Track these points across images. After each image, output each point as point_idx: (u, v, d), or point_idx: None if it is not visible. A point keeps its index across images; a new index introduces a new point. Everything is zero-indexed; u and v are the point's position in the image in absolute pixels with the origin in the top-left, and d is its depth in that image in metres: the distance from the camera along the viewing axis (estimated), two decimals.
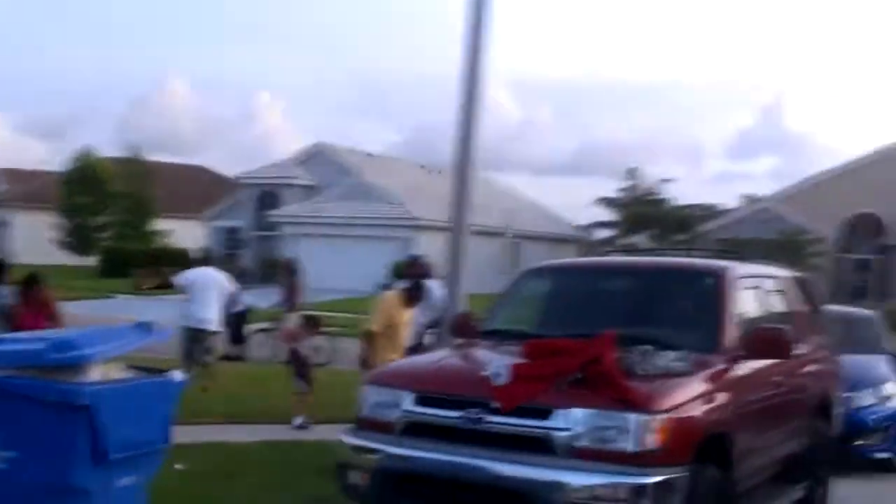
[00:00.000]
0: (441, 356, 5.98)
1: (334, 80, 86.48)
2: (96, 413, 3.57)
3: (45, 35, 77.20)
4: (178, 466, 7.02)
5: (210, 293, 11.76)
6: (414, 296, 8.48)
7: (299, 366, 9.63)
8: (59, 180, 43.66)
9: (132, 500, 3.85)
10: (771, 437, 5.90)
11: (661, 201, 39.58)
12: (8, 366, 3.70)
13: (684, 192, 79.58)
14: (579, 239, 41.64)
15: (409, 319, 8.60)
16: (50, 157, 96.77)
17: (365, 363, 7.99)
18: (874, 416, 8.52)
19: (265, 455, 7.91)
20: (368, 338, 8.16)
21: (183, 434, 8.18)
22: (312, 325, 10.32)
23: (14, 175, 52.08)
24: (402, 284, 9.21)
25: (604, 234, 40.63)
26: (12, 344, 4.07)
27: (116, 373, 3.91)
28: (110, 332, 4.23)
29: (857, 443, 8.30)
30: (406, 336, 8.54)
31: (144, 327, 4.21)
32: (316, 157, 39.06)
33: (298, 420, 9.28)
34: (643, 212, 38.11)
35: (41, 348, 3.69)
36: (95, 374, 3.74)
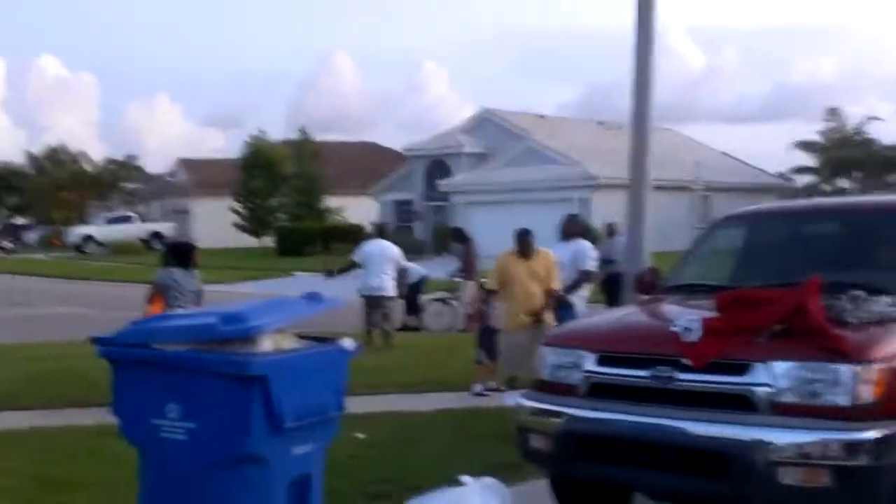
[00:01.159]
0: (624, 313, 5.82)
1: (499, 43, 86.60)
2: (270, 383, 3.66)
3: (210, 25, 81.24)
4: (358, 435, 7.25)
5: (385, 264, 12.75)
6: (523, 250, 8.76)
7: (482, 335, 9.69)
8: (234, 166, 46.01)
9: (309, 467, 3.94)
10: None
11: (868, 142, 37.24)
12: (181, 340, 3.86)
13: (893, 130, 74.56)
14: (778, 187, 39.84)
15: (532, 274, 8.72)
16: (228, 145, 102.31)
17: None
18: None
19: (444, 423, 8.01)
20: (486, 294, 8.83)
21: (362, 404, 8.49)
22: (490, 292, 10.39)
23: (191, 164, 55.35)
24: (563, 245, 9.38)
25: (805, 180, 38.67)
26: (183, 319, 4.26)
27: (288, 343, 4.00)
28: (280, 303, 4.34)
29: None
30: (531, 292, 8.69)
31: (314, 298, 4.30)
32: (483, 123, 39.22)
33: (478, 387, 9.35)
34: (847, 154, 35.97)
35: (212, 322, 3.82)
36: (267, 344, 3.84)
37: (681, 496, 4.99)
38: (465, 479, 4.33)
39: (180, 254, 8.84)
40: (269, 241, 43.48)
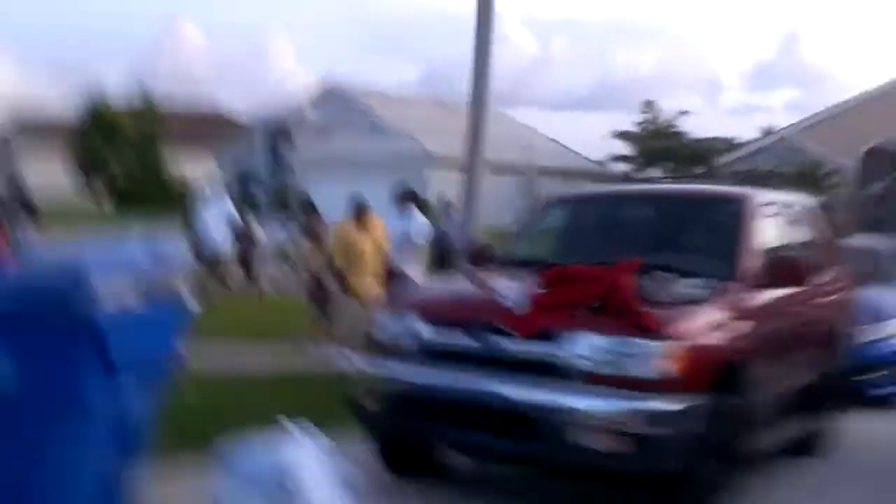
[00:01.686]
0: (457, 283, 5.96)
1: (347, 20, 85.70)
2: (104, 333, 3.56)
3: None
4: (186, 385, 7.07)
5: (223, 221, 12.99)
6: (363, 221, 8.99)
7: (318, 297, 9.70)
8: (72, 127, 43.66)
9: (140, 416, 3.86)
10: (784, 366, 5.83)
11: (679, 134, 39.16)
12: (15, 290, 3.70)
13: (702, 125, 78.76)
14: (596, 173, 41.37)
15: (374, 243, 8.95)
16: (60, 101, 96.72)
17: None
18: (881, 352, 8.32)
19: (273, 377, 8.03)
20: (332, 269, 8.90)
21: (195, 356, 8.33)
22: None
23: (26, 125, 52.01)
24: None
25: (620, 168, 40.28)
26: (19, 272, 4.06)
27: (126, 295, 3.87)
28: (119, 257, 4.18)
29: (863, 377, 8.06)
30: (372, 261, 8.92)
31: (154, 251, 4.17)
32: (329, 96, 38.76)
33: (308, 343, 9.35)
34: (660, 145, 37.74)
35: (49, 272, 3.70)
36: (105, 297, 3.70)
37: (500, 456, 5.20)
38: (286, 421, 4.31)
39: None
40: (103, 198, 41.70)
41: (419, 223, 10.41)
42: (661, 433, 4.44)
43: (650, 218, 6.30)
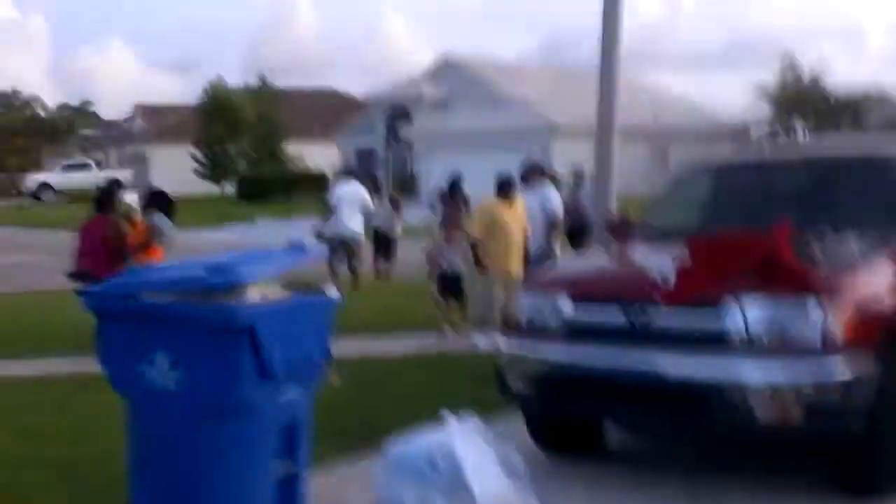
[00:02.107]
0: (599, 257, 5.91)
1: None
2: (257, 333, 3.68)
3: None
4: (335, 381, 7.30)
5: (356, 207, 12.86)
6: (508, 196, 8.82)
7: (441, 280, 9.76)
8: (192, 113, 45.28)
9: (298, 415, 3.99)
10: None
11: (820, 89, 37.62)
12: (169, 291, 3.86)
13: (848, 77, 75.36)
14: (734, 134, 40.15)
15: (516, 220, 8.77)
16: (182, 90, 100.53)
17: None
18: None
19: (417, 366, 8.09)
20: (472, 245, 8.78)
21: (335, 349, 8.58)
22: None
23: (149, 111, 54.44)
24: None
25: (761, 127, 38.98)
26: (170, 271, 4.25)
27: (274, 292, 4.02)
28: (265, 254, 4.35)
29: None
30: (518, 238, 8.84)
31: (298, 247, 4.32)
32: (444, 70, 38.88)
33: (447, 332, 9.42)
34: (802, 100, 36.34)
35: (200, 274, 3.82)
36: (254, 294, 3.86)
37: (657, 432, 5.16)
38: (448, 415, 4.40)
39: (166, 203, 8.88)
40: (229, 188, 43.10)
41: (552, 197, 10.38)
42: (834, 398, 4.30)
43: (806, 183, 6.06)
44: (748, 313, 4.47)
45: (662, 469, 5.30)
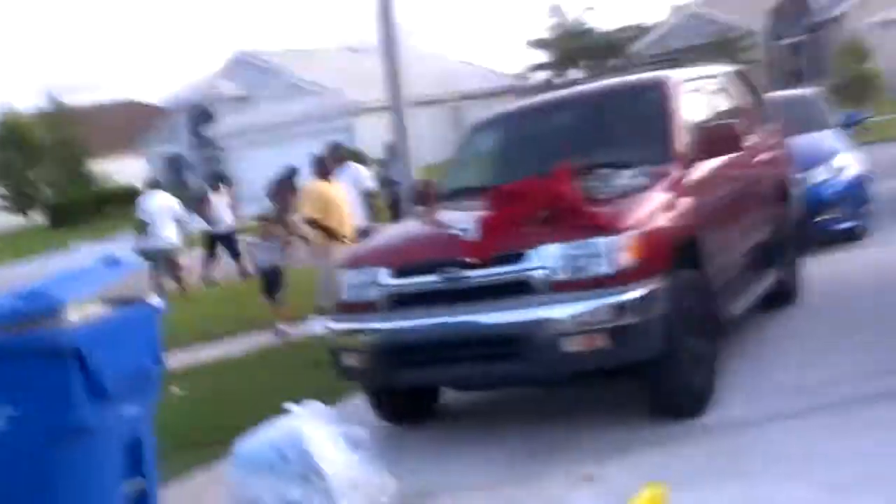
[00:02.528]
0: (408, 226, 5.98)
1: None
2: (84, 353, 3.54)
3: None
4: (175, 391, 7.12)
5: (168, 217, 12.64)
6: (327, 174, 8.75)
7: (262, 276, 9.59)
8: None
9: (139, 429, 3.87)
10: (738, 231, 6.04)
11: (589, 31, 39.10)
12: None
13: (610, 16, 78.63)
14: (517, 87, 41.24)
15: (342, 198, 8.75)
16: None
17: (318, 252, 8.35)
18: (831, 191, 8.68)
19: (257, 363, 8.03)
20: (314, 226, 8.41)
21: (173, 360, 8.32)
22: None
23: None
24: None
25: (540, 76, 40.20)
26: None
27: (94, 310, 3.85)
28: (79, 273, 4.16)
29: (819, 219, 8.47)
30: (347, 214, 8.72)
31: (111, 261, 4.15)
32: (240, 65, 37.93)
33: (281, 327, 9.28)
34: (573, 45, 37.69)
35: (14, 303, 3.63)
36: (74, 315, 3.69)
37: (485, 383, 5.30)
38: (291, 406, 4.37)
39: None
40: (37, 217, 40.67)
41: (360, 172, 10.40)
42: (633, 322, 4.55)
43: (575, 121, 6.34)
44: (546, 258, 4.67)
45: (501, 423, 5.44)
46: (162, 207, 12.76)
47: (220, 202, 14.35)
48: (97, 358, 3.57)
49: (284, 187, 14.29)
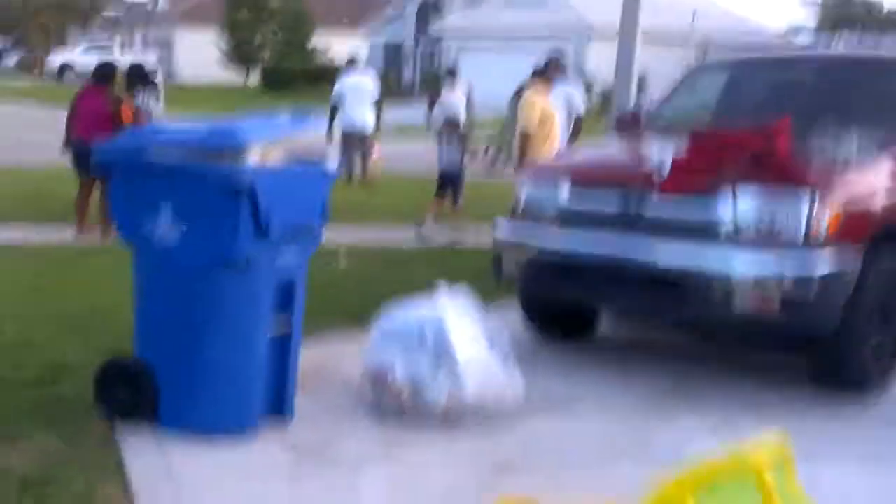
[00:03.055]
0: (601, 150, 6.10)
1: None
2: (256, 193, 3.95)
3: None
4: (341, 260, 7.65)
5: (363, 98, 12.84)
6: (545, 81, 8.81)
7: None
8: None
9: (293, 275, 4.27)
10: None
11: (867, 4, 36.82)
12: (176, 149, 4.12)
13: None
14: (773, 46, 39.43)
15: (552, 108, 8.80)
16: None
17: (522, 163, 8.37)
18: None
19: (425, 257, 8.41)
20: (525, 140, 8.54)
21: (344, 237, 8.88)
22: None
23: None
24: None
25: (803, 40, 38.30)
26: (177, 131, 4.52)
27: (274, 158, 4.28)
28: (268, 120, 4.59)
29: None
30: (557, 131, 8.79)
31: (300, 116, 4.55)
32: None
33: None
34: (845, 14, 35.62)
35: (204, 135, 4.10)
36: (255, 158, 4.11)
37: (644, 314, 5.42)
38: (442, 286, 4.67)
39: (146, 78, 9.04)
40: (253, 78, 43.04)
41: (575, 95, 10.43)
42: (812, 296, 4.51)
43: (809, 83, 6.18)
44: (739, 204, 4.69)
45: (648, 358, 5.60)
46: (357, 89, 13.00)
47: (453, 99, 14.27)
48: (268, 200, 3.98)
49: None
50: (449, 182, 9.62)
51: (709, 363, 5.48)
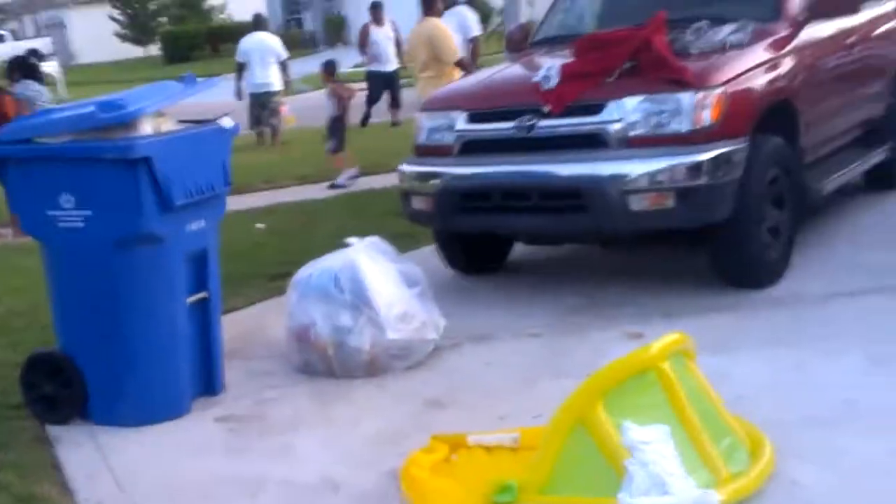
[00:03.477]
0: (491, 72, 6.11)
1: None
2: (154, 163, 3.88)
3: None
4: (258, 226, 7.64)
5: (266, 58, 12.66)
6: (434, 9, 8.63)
7: (333, 124, 9.93)
8: None
9: (204, 243, 4.23)
10: (844, 102, 5.93)
11: None
12: (65, 131, 4.03)
13: None
14: None
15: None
16: None
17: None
18: None
19: (341, 207, 8.42)
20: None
21: (259, 198, 8.82)
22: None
23: None
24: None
25: None
26: (63, 112, 4.40)
27: (168, 126, 4.19)
28: (156, 88, 4.48)
29: None
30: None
31: (188, 80, 4.45)
32: None
33: (341, 179, 9.60)
34: None
35: (92, 111, 3.99)
36: (147, 128, 4.04)
37: (550, 236, 5.51)
38: (351, 240, 4.70)
39: (27, 66, 8.81)
40: (154, 50, 41.99)
41: (468, 18, 10.35)
42: (704, 183, 4.61)
43: None
44: (624, 111, 4.76)
45: (560, 279, 5.67)
46: (262, 48, 12.83)
47: (382, 36, 13.88)
48: (166, 169, 3.92)
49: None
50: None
51: (618, 276, 5.56)
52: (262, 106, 12.83)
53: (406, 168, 5.61)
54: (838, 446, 3.17)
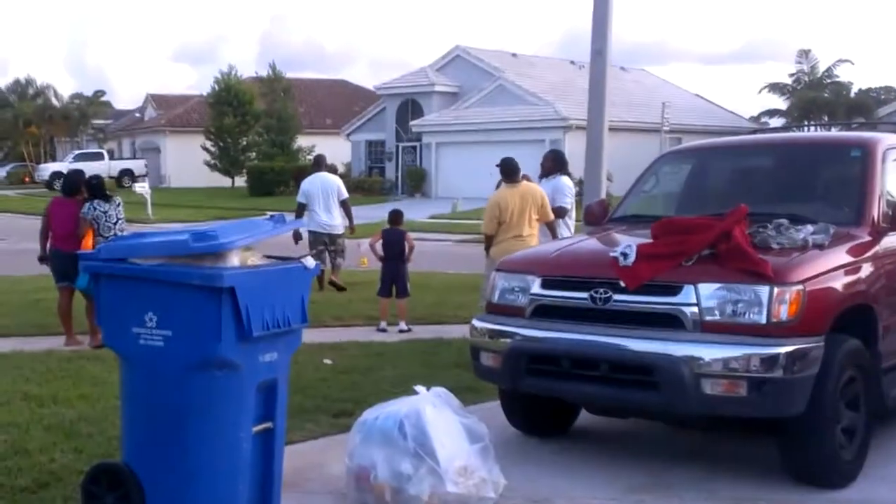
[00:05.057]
0: (568, 242, 6.24)
1: None
2: (237, 294, 4.04)
3: None
4: (326, 361, 7.73)
5: (328, 199, 12.51)
6: (510, 178, 8.68)
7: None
8: (204, 103, 45.79)
9: (275, 374, 4.33)
10: None
11: (837, 84, 37.71)
12: (157, 255, 4.23)
13: (864, 74, 74.97)
14: (745, 130, 40.22)
15: (521, 207, 8.63)
16: (199, 81, 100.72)
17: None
18: None
19: (409, 352, 8.48)
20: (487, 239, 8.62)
21: (330, 335, 8.92)
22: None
23: (162, 101, 55.07)
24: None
25: (774, 123, 39.14)
26: (158, 237, 4.63)
27: (253, 260, 4.38)
28: (246, 223, 4.71)
29: None
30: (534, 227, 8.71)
31: (278, 219, 4.68)
32: (455, 61, 39.17)
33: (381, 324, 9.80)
34: (815, 96, 36.44)
35: (185, 239, 4.20)
36: (234, 260, 4.22)
37: (617, 408, 5.48)
38: (419, 388, 4.75)
39: (94, 186, 9.16)
40: (240, 182, 43.57)
41: (563, 186, 10.45)
42: (778, 376, 4.61)
43: (767, 167, 6.39)
44: (701, 296, 4.81)
45: (625, 451, 5.63)
46: (325, 189, 12.58)
47: None
48: (248, 300, 4.07)
49: None
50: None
51: (684, 455, 5.51)
52: (324, 245, 12.64)
53: (478, 324, 5.69)
54: None
